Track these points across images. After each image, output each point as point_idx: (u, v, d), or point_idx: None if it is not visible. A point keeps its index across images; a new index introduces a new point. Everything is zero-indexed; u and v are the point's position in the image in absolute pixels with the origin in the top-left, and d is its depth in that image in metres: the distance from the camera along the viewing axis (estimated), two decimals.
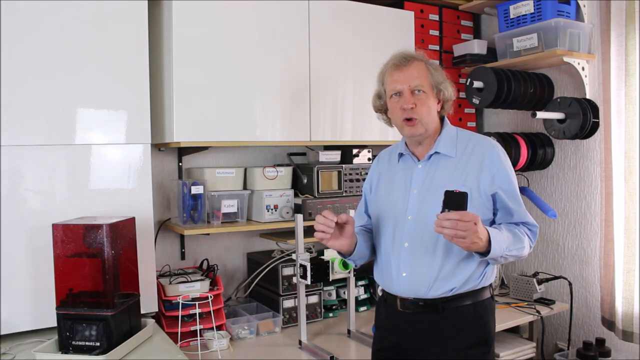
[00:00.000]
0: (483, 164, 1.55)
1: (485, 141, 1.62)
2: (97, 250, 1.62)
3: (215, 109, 2.06)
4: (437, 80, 1.58)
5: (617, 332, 2.35)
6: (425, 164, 1.61)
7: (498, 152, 1.58)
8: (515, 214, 1.57)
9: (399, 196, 1.62)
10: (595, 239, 2.56)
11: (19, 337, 1.76)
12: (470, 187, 1.51)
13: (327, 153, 2.43)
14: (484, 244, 1.39)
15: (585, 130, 2.46)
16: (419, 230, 1.55)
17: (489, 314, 1.60)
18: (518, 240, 1.52)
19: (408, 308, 1.59)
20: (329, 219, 1.49)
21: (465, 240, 1.35)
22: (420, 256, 1.55)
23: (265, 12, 2.16)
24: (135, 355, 1.64)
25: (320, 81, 2.31)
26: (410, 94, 1.55)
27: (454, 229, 1.33)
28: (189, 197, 2.10)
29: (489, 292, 1.62)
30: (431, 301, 1.55)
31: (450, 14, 2.95)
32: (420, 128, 1.56)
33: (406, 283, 1.57)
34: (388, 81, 1.61)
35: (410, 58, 1.59)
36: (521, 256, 1.54)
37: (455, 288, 1.53)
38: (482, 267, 1.56)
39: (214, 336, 1.97)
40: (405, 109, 1.54)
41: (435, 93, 1.58)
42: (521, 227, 1.57)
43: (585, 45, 2.50)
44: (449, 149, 1.59)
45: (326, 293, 2.42)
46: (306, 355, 1.98)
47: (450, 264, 1.53)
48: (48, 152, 1.79)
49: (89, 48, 1.83)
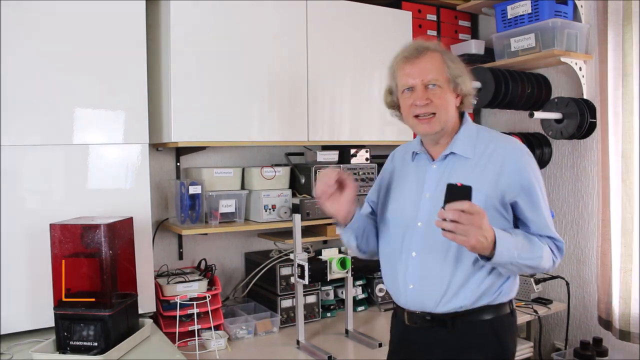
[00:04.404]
0: (503, 167, 1.38)
1: (507, 142, 1.45)
2: (95, 250, 1.62)
3: (213, 109, 2.06)
4: (455, 74, 1.42)
5: (614, 332, 2.35)
6: (439, 165, 1.46)
7: (522, 154, 1.42)
8: (533, 226, 1.40)
9: (411, 199, 1.48)
10: (592, 239, 2.57)
11: (16, 337, 1.76)
12: (487, 193, 1.36)
13: (324, 153, 2.43)
14: (488, 245, 1.23)
15: (583, 131, 2.46)
16: (428, 239, 1.41)
17: (507, 331, 1.44)
18: (535, 247, 1.35)
19: (415, 322, 1.47)
20: (329, 176, 1.39)
21: (468, 238, 1.19)
22: (429, 267, 1.42)
23: (263, 12, 2.16)
24: (133, 355, 1.64)
25: (318, 81, 2.31)
26: (423, 89, 1.40)
27: (455, 223, 1.18)
28: (187, 197, 2.10)
29: (509, 308, 1.46)
30: (439, 316, 1.41)
31: (447, 14, 2.95)
32: (437, 125, 1.40)
33: (413, 295, 1.44)
34: (399, 75, 1.45)
35: (423, 49, 1.42)
36: (540, 268, 1.37)
37: (466, 305, 1.39)
38: (498, 281, 1.41)
39: (212, 336, 1.97)
40: (418, 105, 1.40)
41: (452, 87, 1.42)
42: (544, 238, 1.40)
43: (583, 45, 2.51)
44: (466, 150, 1.43)
45: (324, 293, 2.42)
46: (304, 355, 1.98)
47: (461, 278, 1.39)
48: (46, 152, 1.79)
49: (87, 48, 1.83)
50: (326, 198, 1.42)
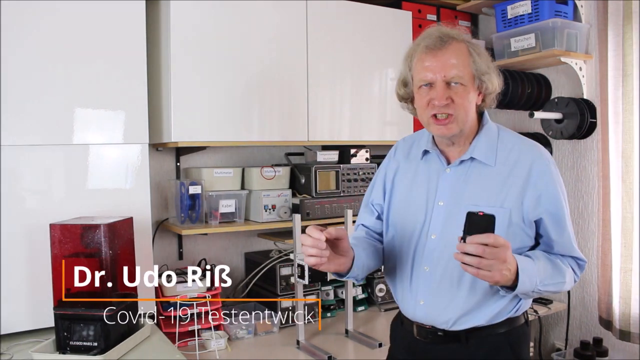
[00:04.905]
0: (529, 179, 1.25)
1: (533, 149, 1.31)
2: (95, 250, 1.62)
3: (213, 109, 2.06)
4: (481, 69, 1.25)
5: (614, 332, 2.35)
6: (455, 170, 1.31)
7: (548, 164, 1.28)
8: (556, 246, 1.28)
9: (421, 206, 1.34)
10: (592, 239, 2.56)
11: (16, 337, 1.76)
12: (511, 209, 1.24)
13: (325, 153, 2.43)
14: (511, 277, 1.13)
15: (583, 131, 2.46)
16: (443, 253, 1.28)
17: (522, 343, 1.36)
18: (558, 273, 1.25)
19: (425, 337, 1.35)
20: (315, 238, 1.16)
21: (492, 274, 1.08)
22: (442, 286, 1.30)
23: (263, 12, 2.16)
24: (132, 355, 1.64)
25: (318, 81, 2.30)
26: (444, 86, 1.23)
27: (479, 258, 1.06)
28: (187, 197, 2.10)
29: (524, 318, 1.37)
30: (453, 332, 1.31)
31: (448, 14, 2.94)
32: (455, 127, 1.25)
33: (423, 311, 1.34)
34: (417, 67, 1.27)
35: (448, 39, 1.24)
36: (560, 291, 1.29)
37: (482, 323, 1.30)
38: (515, 301, 1.30)
39: (212, 336, 1.97)
40: (436, 105, 1.24)
41: (476, 85, 1.26)
42: (567, 258, 1.30)
43: (583, 45, 2.51)
44: (487, 156, 1.29)
45: (324, 293, 2.42)
46: (304, 355, 1.98)
47: (477, 299, 1.28)
48: (45, 152, 1.79)
49: (87, 48, 1.83)
50: (322, 262, 1.20)
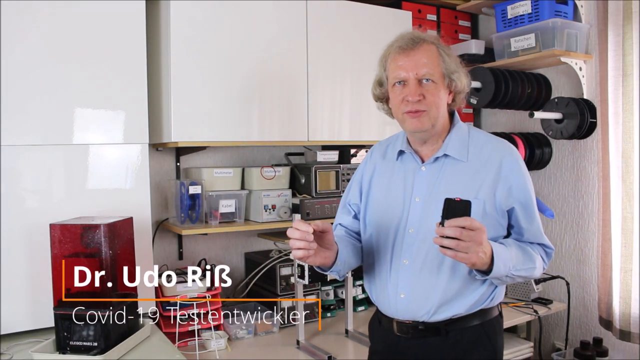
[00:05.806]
0: (500, 173, 1.35)
1: (502, 145, 1.40)
2: (95, 250, 1.62)
3: (213, 109, 2.06)
4: (450, 69, 1.35)
5: (614, 332, 2.35)
6: (430, 167, 1.39)
7: (517, 159, 1.39)
8: (526, 234, 1.39)
9: (398, 203, 1.41)
10: (592, 239, 2.56)
11: (16, 337, 1.76)
12: (484, 200, 1.33)
13: (324, 153, 2.43)
14: (487, 261, 1.21)
15: (583, 130, 2.46)
16: (421, 245, 1.36)
17: (497, 333, 1.44)
18: (528, 259, 1.34)
19: (406, 333, 1.41)
20: (303, 231, 1.21)
21: (469, 256, 1.16)
22: (422, 276, 1.36)
23: (263, 11, 2.16)
24: (133, 355, 1.64)
25: (318, 81, 2.31)
26: (416, 83, 1.32)
27: (457, 240, 1.13)
28: (187, 197, 2.10)
29: (497, 310, 1.46)
30: (433, 325, 1.38)
31: (448, 14, 2.95)
32: (427, 122, 1.33)
33: (404, 305, 1.39)
34: (391, 67, 1.37)
35: (420, 40, 1.35)
36: (531, 277, 1.38)
37: (460, 313, 1.37)
38: (491, 288, 1.39)
39: (212, 336, 1.97)
40: (410, 102, 1.32)
41: (446, 84, 1.35)
42: (535, 246, 1.40)
43: (583, 45, 2.51)
44: (460, 152, 1.37)
45: (324, 293, 2.42)
46: (304, 355, 1.98)
47: (456, 286, 1.35)
48: (45, 152, 1.79)
49: (87, 48, 1.83)
50: (309, 255, 1.25)
